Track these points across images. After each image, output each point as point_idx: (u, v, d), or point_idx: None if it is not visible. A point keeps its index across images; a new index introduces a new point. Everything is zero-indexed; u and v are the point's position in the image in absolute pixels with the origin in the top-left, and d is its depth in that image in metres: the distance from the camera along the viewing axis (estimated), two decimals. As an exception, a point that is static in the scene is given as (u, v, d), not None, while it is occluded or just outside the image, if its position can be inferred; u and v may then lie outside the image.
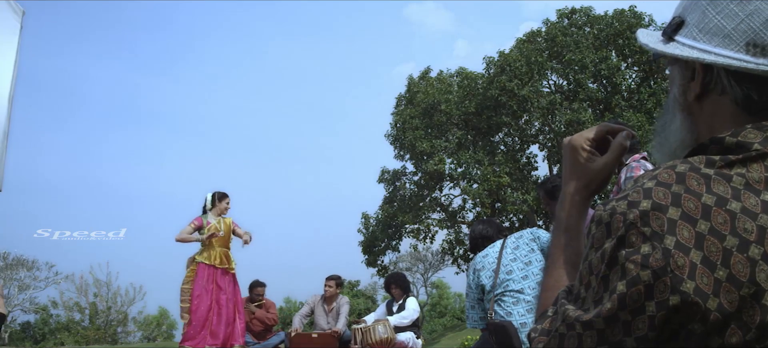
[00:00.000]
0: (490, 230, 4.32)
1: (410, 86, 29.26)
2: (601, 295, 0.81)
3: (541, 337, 0.88)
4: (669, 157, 0.96)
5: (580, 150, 1.06)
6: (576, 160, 1.06)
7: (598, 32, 26.40)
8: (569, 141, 1.08)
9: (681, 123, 0.97)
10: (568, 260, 1.03)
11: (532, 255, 3.96)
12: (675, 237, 0.78)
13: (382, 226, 28.46)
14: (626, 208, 0.81)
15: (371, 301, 42.45)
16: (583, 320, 0.82)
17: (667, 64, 1.02)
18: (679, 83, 0.97)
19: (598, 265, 0.82)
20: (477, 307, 4.07)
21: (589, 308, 0.82)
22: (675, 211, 0.79)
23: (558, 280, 1.01)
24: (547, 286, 1.02)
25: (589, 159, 1.06)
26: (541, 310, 0.98)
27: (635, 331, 0.78)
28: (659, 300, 0.76)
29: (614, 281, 0.80)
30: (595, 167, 1.06)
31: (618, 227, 0.81)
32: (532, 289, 3.81)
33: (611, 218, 0.82)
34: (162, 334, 45.61)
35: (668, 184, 0.82)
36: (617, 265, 0.80)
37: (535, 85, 25.64)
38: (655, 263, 0.77)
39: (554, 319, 0.88)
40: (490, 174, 24.72)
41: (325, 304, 8.86)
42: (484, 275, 3.97)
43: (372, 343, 7.49)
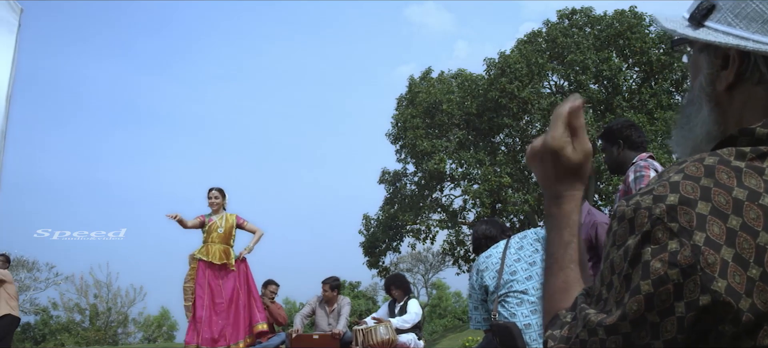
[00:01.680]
0: (494, 230, 4.28)
1: (411, 86, 29.23)
2: (624, 296, 0.76)
3: (560, 346, 0.83)
4: (692, 152, 0.91)
5: (564, 147, 0.99)
6: (559, 160, 1.00)
7: (599, 33, 26.36)
8: (546, 146, 1.00)
9: (708, 114, 0.92)
10: (572, 259, 0.97)
11: (537, 255, 3.91)
12: (705, 233, 0.73)
13: (383, 227, 28.42)
14: (652, 203, 0.76)
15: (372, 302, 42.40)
16: (606, 324, 0.77)
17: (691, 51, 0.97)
18: (706, 72, 0.92)
19: (621, 264, 0.78)
20: (480, 307, 4.02)
21: (612, 310, 0.77)
22: (704, 206, 0.74)
23: (567, 281, 0.95)
24: (555, 288, 0.96)
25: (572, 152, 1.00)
26: (551, 314, 0.93)
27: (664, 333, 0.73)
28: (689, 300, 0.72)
29: (637, 280, 0.75)
30: (580, 157, 1.00)
31: (642, 223, 0.76)
32: (536, 290, 3.76)
33: (635, 214, 0.78)
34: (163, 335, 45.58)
35: (696, 178, 0.77)
36: (640, 263, 0.75)
37: (536, 86, 25.61)
38: (684, 261, 0.72)
39: (574, 324, 0.83)
40: (490, 174, 24.69)
41: (326, 305, 8.82)
42: (487, 276, 3.93)
43: (373, 344, 7.45)
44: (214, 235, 7.83)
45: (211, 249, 7.80)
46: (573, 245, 0.98)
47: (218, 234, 7.82)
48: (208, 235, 7.86)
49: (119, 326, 38.55)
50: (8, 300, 10.01)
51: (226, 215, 8.02)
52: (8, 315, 9.97)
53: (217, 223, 7.87)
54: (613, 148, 3.87)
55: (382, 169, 29.54)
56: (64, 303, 37.07)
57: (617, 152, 3.86)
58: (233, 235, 8.00)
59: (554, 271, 0.97)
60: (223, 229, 7.87)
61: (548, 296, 0.97)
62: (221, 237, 7.84)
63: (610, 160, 3.92)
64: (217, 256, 7.77)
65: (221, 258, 7.79)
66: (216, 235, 7.82)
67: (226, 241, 7.93)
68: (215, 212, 8.01)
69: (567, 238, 0.99)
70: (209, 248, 7.79)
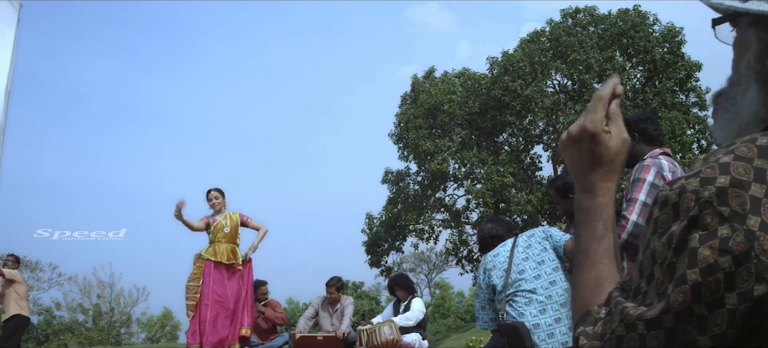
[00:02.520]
0: (500, 229, 4.19)
1: (415, 86, 29.17)
2: (667, 287, 0.69)
3: (593, 343, 0.76)
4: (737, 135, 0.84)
5: (600, 133, 0.92)
6: (597, 147, 0.93)
7: (603, 32, 26.27)
8: (584, 130, 0.93)
9: (756, 94, 0.84)
10: (606, 254, 0.90)
11: (545, 254, 3.85)
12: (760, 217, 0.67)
13: (386, 226, 28.36)
14: (699, 186, 0.70)
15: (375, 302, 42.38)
16: (647, 317, 0.70)
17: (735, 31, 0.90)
18: (755, 48, 0.84)
19: (664, 253, 0.71)
20: (488, 307, 3.96)
21: (653, 303, 0.71)
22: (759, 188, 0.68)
23: (599, 277, 0.88)
24: (586, 284, 0.89)
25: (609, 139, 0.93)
26: (582, 311, 0.86)
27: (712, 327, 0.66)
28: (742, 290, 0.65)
29: (682, 269, 0.68)
30: (617, 145, 0.94)
31: (689, 207, 0.70)
32: (544, 289, 3.69)
33: (680, 198, 0.71)
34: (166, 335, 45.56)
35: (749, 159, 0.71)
36: (686, 251, 0.68)
37: (539, 85, 25.52)
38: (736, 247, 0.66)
39: (608, 320, 0.76)
40: (493, 174, 24.60)
41: (329, 306, 8.76)
42: (495, 275, 3.86)
43: (378, 344, 7.38)
44: (220, 234, 7.76)
45: (219, 248, 7.73)
46: (607, 240, 0.91)
47: (225, 233, 7.76)
48: (214, 235, 7.78)
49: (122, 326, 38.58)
50: (18, 300, 10.02)
51: (229, 214, 7.95)
52: (18, 315, 9.98)
53: (222, 222, 7.81)
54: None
55: (385, 168, 29.49)
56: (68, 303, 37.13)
57: (632, 145, 3.76)
58: (239, 234, 7.95)
59: (585, 267, 0.90)
60: (229, 228, 7.81)
61: (579, 292, 0.90)
62: (228, 236, 7.78)
63: None
64: (226, 256, 7.71)
65: (229, 258, 7.73)
66: (222, 234, 7.76)
67: (233, 240, 7.87)
68: (218, 212, 7.94)
69: (600, 231, 0.91)
70: (216, 248, 7.73)
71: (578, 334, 0.79)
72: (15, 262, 10.54)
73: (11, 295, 9.98)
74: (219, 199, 7.98)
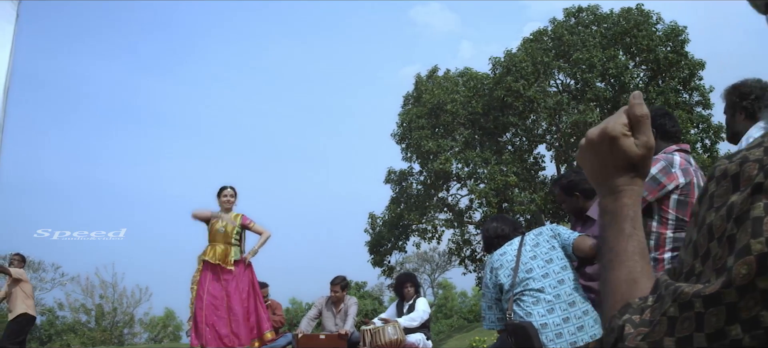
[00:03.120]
0: (506, 228, 4.13)
1: (418, 85, 29.12)
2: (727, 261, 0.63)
3: (641, 329, 0.70)
4: None
5: (620, 137, 0.89)
6: (618, 150, 0.90)
7: (606, 31, 26.19)
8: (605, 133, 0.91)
9: None
10: (637, 251, 0.86)
11: (553, 253, 3.78)
12: None
13: (389, 226, 28.32)
14: (763, 154, 0.65)
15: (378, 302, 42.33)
16: (705, 294, 0.63)
17: None
18: None
19: (722, 225, 0.65)
20: (494, 307, 3.89)
21: (711, 280, 0.65)
22: None
23: (632, 272, 0.83)
24: (620, 280, 0.84)
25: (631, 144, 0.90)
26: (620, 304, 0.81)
27: None
28: None
29: (745, 240, 0.62)
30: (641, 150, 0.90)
31: (751, 176, 0.64)
32: (552, 288, 3.63)
33: (741, 168, 0.66)
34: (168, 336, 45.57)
35: None
36: (749, 220, 0.62)
37: (542, 85, 25.45)
38: None
39: (657, 306, 0.70)
40: (497, 173, 24.54)
41: (332, 306, 8.70)
42: (502, 274, 3.79)
43: (381, 345, 7.33)
44: (216, 234, 7.69)
45: (212, 249, 7.66)
46: (636, 237, 0.87)
47: (219, 233, 7.68)
48: (211, 234, 7.72)
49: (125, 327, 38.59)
50: (24, 299, 10.02)
51: (232, 215, 7.87)
52: (25, 314, 9.97)
53: (220, 222, 7.73)
54: None
55: (388, 168, 29.45)
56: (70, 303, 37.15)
57: None
58: (235, 235, 7.79)
59: (616, 265, 0.85)
60: (225, 229, 7.72)
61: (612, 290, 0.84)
62: (223, 236, 7.69)
63: None
64: (216, 256, 7.62)
65: (217, 258, 7.63)
66: (217, 234, 7.68)
67: (228, 241, 7.74)
68: (226, 211, 7.87)
69: (628, 230, 0.88)
70: (211, 249, 7.67)
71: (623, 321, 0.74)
72: (21, 261, 10.55)
73: (18, 294, 9.98)
74: (233, 198, 7.91)
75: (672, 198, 3.32)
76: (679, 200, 3.32)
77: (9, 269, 10.07)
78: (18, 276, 10.06)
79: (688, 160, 3.48)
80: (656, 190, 3.32)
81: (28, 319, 10.12)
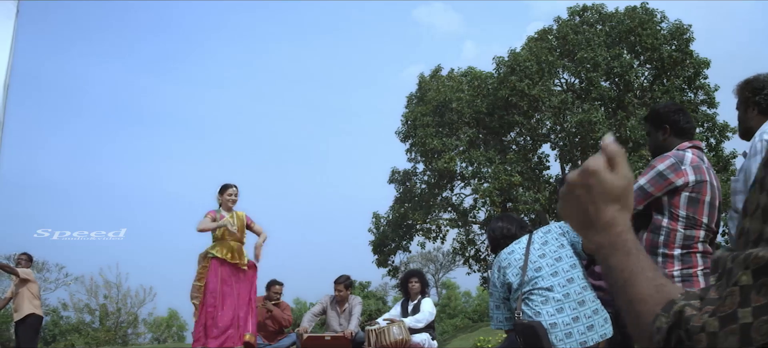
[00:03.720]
0: (512, 227, 4.05)
1: (421, 84, 29.08)
2: None
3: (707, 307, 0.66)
4: None
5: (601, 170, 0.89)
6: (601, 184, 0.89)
7: (610, 30, 26.11)
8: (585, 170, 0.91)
9: None
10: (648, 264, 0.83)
11: (562, 250, 3.72)
12: None
13: (393, 226, 28.27)
14: None
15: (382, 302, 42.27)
16: None
17: None
18: None
19: None
20: (502, 306, 3.83)
21: None
22: None
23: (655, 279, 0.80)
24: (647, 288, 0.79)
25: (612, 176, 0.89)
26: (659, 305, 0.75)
27: None
28: None
29: None
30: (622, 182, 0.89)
31: None
32: (561, 287, 3.56)
33: None
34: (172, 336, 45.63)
35: None
36: None
37: (547, 84, 25.36)
38: None
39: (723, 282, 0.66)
40: (501, 173, 24.47)
41: (337, 305, 8.66)
42: (510, 272, 3.73)
43: (386, 345, 7.27)
44: (227, 232, 7.56)
45: (226, 247, 7.55)
46: (643, 254, 0.85)
47: (231, 232, 7.55)
48: (220, 232, 7.57)
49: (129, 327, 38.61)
50: (31, 299, 9.94)
51: (236, 213, 7.78)
52: (32, 314, 9.90)
53: (229, 220, 7.60)
54: (659, 133, 3.57)
55: (392, 168, 29.41)
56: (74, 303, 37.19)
57: (662, 137, 3.55)
58: (244, 233, 7.75)
59: (635, 281, 0.82)
60: (237, 227, 7.61)
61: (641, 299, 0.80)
62: (235, 235, 7.58)
63: (653, 145, 3.61)
64: (232, 254, 7.54)
65: (234, 257, 7.55)
66: (229, 233, 7.55)
67: (240, 239, 7.68)
68: (228, 209, 7.77)
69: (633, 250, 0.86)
70: (223, 246, 7.55)
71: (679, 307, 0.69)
72: (28, 260, 10.46)
73: (25, 294, 9.90)
74: (237, 197, 7.82)
75: (683, 195, 3.27)
76: (690, 197, 3.27)
77: (16, 269, 9.98)
78: (25, 276, 9.98)
79: (701, 157, 3.42)
80: (662, 186, 3.27)
81: (36, 320, 10.05)
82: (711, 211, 3.32)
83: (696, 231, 3.28)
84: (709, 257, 3.33)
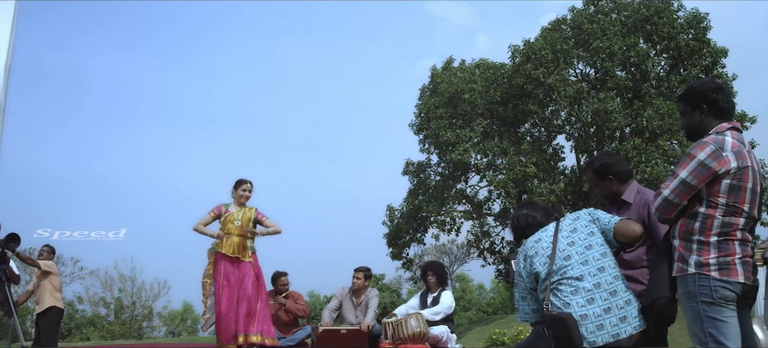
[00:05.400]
0: (537, 214, 3.85)
1: (433, 77, 28.87)
2: None
3: None
4: None
5: None
6: None
7: (626, 18, 25.75)
8: None
9: None
10: None
11: (592, 238, 3.53)
12: None
13: (407, 218, 28.11)
14: None
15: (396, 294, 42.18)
16: None
17: None
18: None
19: None
20: (529, 297, 3.63)
21: None
22: None
23: None
24: None
25: None
26: None
27: None
28: None
29: None
30: None
31: None
32: (592, 276, 3.37)
33: None
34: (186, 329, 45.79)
35: None
36: None
37: (562, 73, 25.07)
38: None
39: None
40: (516, 164, 24.25)
41: (353, 298, 8.52)
42: (538, 261, 3.54)
43: (404, 337, 7.13)
44: (230, 226, 7.42)
45: (227, 241, 7.39)
46: None
47: (235, 226, 7.41)
48: (223, 226, 7.46)
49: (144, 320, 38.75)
50: (53, 292, 9.86)
51: (245, 209, 7.58)
52: (53, 307, 9.83)
53: (234, 214, 7.47)
54: (695, 113, 3.33)
55: (406, 160, 29.22)
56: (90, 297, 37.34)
57: (699, 118, 3.32)
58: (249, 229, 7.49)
59: None
60: (241, 222, 7.44)
61: None
62: (238, 229, 7.42)
63: (689, 125, 3.39)
64: (232, 249, 7.37)
65: (234, 251, 7.37)
66: (232, 227, 7.41)
67: (244, 234, 7.47)
68: (241, 205, 7.60)
69: None
70: (226, 241, 7.39)
71: None
72: (50, 253, 10.37)
73: (46, 287, 9.82)
74: (250, 194, 7.66)
75: (723, 183, 3.08)
76: (732, 185, 3.08)
77: (38, 261, 9.88)
78: (47, 268, 9.90)
79: (742, 140, 3.22)
80: (705, 176, 3.08)
81: (57, 312, 9.98)
82: (752, 198, 3.13)
83: (735, 218, 3.09)
84: (748, 245, 3.16)
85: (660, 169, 21.71)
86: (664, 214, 3.24)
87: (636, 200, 3.93)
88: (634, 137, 23.60)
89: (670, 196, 3.16)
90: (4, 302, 8.81)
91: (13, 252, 8.91)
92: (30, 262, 9.88)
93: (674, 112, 22.66)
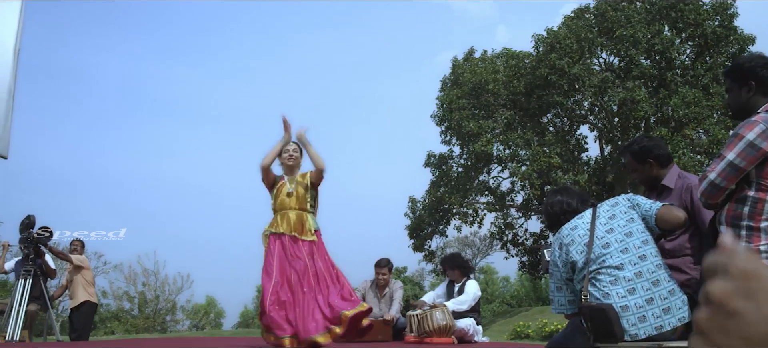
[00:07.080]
0: (572, 201, 3.66)
1: (455, 68, 28.61)
2: None
3: None
4: None
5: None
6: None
7: (650, 5, 25.30)
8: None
9: None
10: None
11: (632, 225, 3.33)
12: None
13: (429, 210, 27.92)
14: None
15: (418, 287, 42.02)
16: None
17: None
18: None
19: None
20: (565, 288, 3.44)
21: None
22: None
23: None
24: None
25: None
26: None
27: None
28: None
29: None
30: None
31: None
32: (633, 265, 3.17)
33: None
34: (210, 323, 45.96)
35: None
36: None
37: (587, 62, 24.70)
38: None
39: None
40: (539, 155, 23.96)
41: (377, 290, 8.38)
42: (574, 250, 3.34)
43: (429, 330, 6.97)
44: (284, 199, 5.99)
45: (281, 218, 5.95)
46: None
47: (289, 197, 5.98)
48: (275, 200, 6.04)
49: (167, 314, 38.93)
50: (86, 286, 9.87)
51: (298, 175, 6.13)
52: (87, 301, 9.82)
53: (287, 184, 6.04)
54: (743, 90, 3.11)
55: (428, 151, 29.00)
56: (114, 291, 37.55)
57: (747, 95, 3.09)
58: (309, 199, 6.05)
59: None
60: (295, 191, 6.00)
61: None
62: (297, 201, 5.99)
63: (735, 103, 3.16)
64: (290, 227, 5.89)
65: (293, 229, 5.88)
66: (285, 199, 5.99)
67: (302, 206, 6.01)
68: (290, 173, 6.15)
69: None
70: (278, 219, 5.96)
71: None
72: (82, 247, 10.37)
73: (79, 281, 9.81)
74: (298, 154, 6.20)
75: None
76: None
77: (70, 256, 9.85)
78: (79, 263, 9.87)
79: None
80: (754, 158, 2.86)
81: (91, 306, 9.97)
82: None
83: None
84: None
85: (687, 159, 21.33)
86: (711, 199, 3.04)
87: (677, 185, 3.73)
88: (659, 127, 23.21)
89: (716, 180, 2.96)
90: (40, 297, 8.81)
91: (46, 245, 8.90)
92: (62, 256, 9.81)
93: (700, 100, 22.26)
